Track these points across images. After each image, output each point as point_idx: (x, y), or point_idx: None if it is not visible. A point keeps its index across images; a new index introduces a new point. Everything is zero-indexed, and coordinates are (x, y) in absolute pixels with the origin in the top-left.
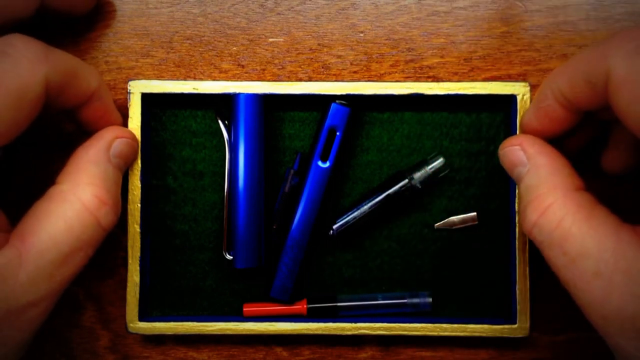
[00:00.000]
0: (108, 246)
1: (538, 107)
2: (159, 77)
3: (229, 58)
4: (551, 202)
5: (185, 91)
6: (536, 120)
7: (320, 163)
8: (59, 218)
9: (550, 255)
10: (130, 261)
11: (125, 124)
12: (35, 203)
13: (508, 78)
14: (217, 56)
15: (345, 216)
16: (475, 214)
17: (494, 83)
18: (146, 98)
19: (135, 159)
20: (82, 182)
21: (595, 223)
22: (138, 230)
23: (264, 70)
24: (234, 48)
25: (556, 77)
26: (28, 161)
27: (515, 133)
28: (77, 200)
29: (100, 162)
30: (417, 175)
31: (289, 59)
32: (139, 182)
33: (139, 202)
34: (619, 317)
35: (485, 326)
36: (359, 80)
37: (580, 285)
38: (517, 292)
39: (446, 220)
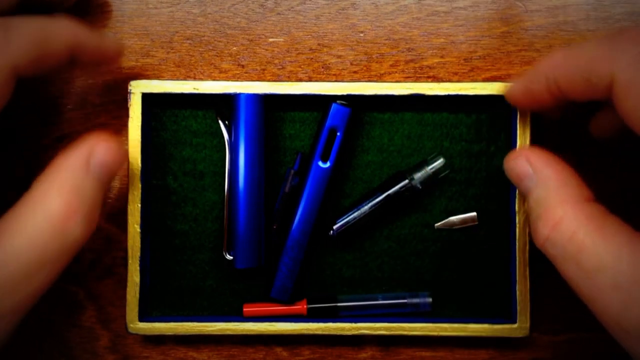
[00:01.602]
0: (108, 246)
1: (527, 87)
2: (159, 77)
3: (229, 58)
4: (562, 215)
5: (186, 91)
6: (522, 96)
7: (320, 163)
8: (22, 229)
9: (565, 269)
10: (130, 261)
11: (125, 123)
12: (8, 210)
13: (508, 78)
14: (217, 56)
15: (345, 216)
16: (475, 214)
17: (494, 83)
18: (147, 98)
19: (120, 167)
20: (52, 190)
21: (609, 234)
22: (138, 230)
23: (264, 70)
24: (234, 48)
25: (554, 67)
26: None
27: (516, 134)
28: (44, 210)
29: (76, 170)
30: (418, 175)
31: (289, 59)
32: (139, 182)
33: (139, 202)
34: None
35: (486, 326)
36: (359, 80)
37: (598, 298)
38: (517, 292)
39: (446, 220)
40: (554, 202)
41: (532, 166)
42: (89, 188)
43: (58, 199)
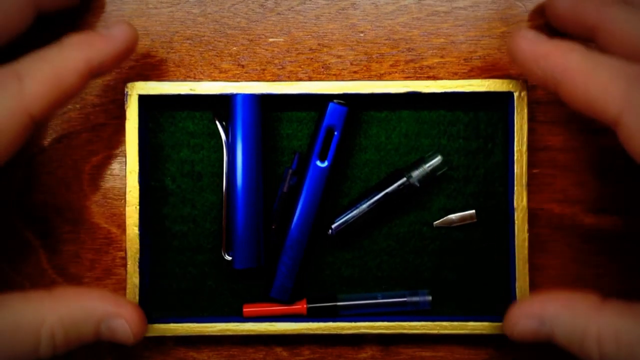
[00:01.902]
0: (108, 247)
1: (529, 62)
2: (159, 77)
3: (229, 58)
4: (597, 329)
5: (183, 92)
6: (524, 63)
7: (318, 163)
8: (14, 318)
9: None
10: (129, 263)
11: (122, 125)
12: (18, 291)
13: (508, 78)
14: (217, 56)
15: (343, 215)
16: (474, 211)
17: (491, 80)
18: (143, 100)
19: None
20: (58, 309)
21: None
22: (137, 232)
23: (264, 70)
24: (234, 48)
25: (563, 74)
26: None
27: (513, 131)
28: (41, 319)
29: (89, 315)
30: (415, 173)
31: (289, 59)
32: (137, 183)
33: (138, 204)
34: None
35: (486, 324)
36: (359, 80)
37: None
38: (517, 289)
39: (445, 218)
40: (581, 325)
41: (536, 317)
42: (84, 334)
43: (54, 318)
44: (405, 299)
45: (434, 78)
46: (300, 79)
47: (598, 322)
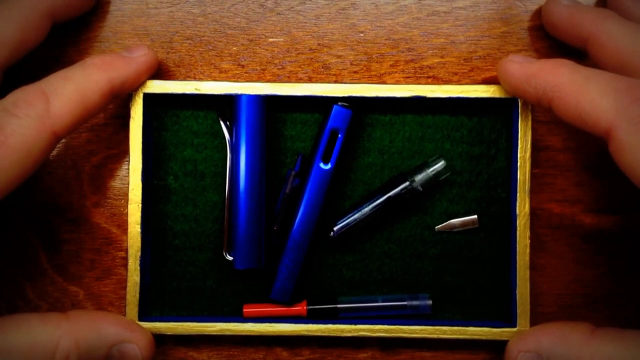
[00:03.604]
0: (108, 246)
1: (520, 85)
2: (159, 77)
3: (229, 58)
4: (590, 356)
5: (187, 92)
6: (512, 85)
7: (321, 165)
8: (30, 339)
9: None
10: (130, 261)
11: (125, 123)
12: (35, 313)
13: None
14: (217, 56)
15: (345, 218)
16: (475, 217)
17: (495, 86)
18: (148, 98)
19: None
20: (74, 333)
21: (632, 344)
22: (138, 230)
23: (264, 70)
24: (234, 48)
25: (555, 89)
26: None
27: (517, 137)
28: (56, 341)
29: (104, 340)
30: (418, 177)
31: (289, 59)
32: (140, 181)
33: (140, 202)
34: None
35: (486, 329)
36: (359, 80)
37: None
38: (518, 295)
39: (447, 223)
40: (575, 354)
41: (530, 352)
42: (97, 356)
43: (70, 341)
44: (405, 303)
45: (434, 78)
46: (300, 79)
47: (590, 349)
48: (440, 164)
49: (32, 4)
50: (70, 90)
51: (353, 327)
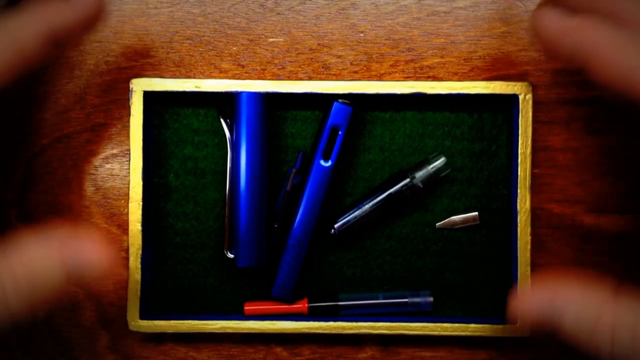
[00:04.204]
0: (108, 246)
1: (555, 39)
2: (159, 76)
3: (229, 58)
4: (611, 319)
5: (188, 89)
6: (547, 40)
7: (322, 162)
8: None
9: None
10: (131, 259)
11: (127, 121)
12: None
13: (508, 78)
14: (217, 56)
15: (346, 215)
16: (476, 213)
17: (496, 82)
18: (148, 96)
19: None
20: (16, 259)
21: None
22: (139, 228)
23: (264, 70)
24: (234, 48)
25: (595, 49)
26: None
27: (518, 133)
28: None
29: (49, 257)
30: (419, 174)
31: (289, 59)
32: (141, 179)
33: (141, 200)
34: None
35: (487, 326)
36: (359, 80)
37: None
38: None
39: (448, 219)
40: (594, 313)
41: (543, 305)
42: (52, 278)
43: (12, 268)
44: (406, 300)
45: (434, 78)
46: (300, 79)
47: (613, 311)
48: (440, 161)
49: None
50: (4, 41)
51: (354, 324)
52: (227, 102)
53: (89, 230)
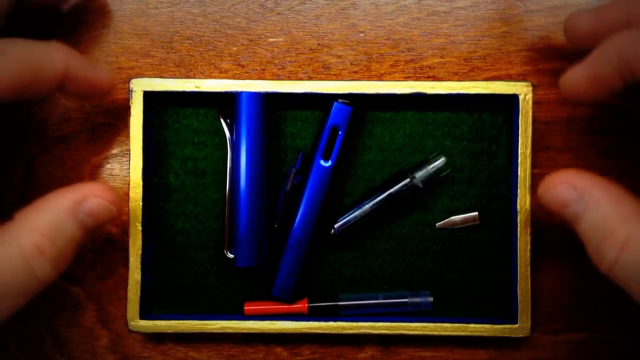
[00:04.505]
0: (108, 246)
1: (595, 71)
2: (159, 76)
3: (229, 58)
4: (628, 234)
5: (188, 89)
6: (587, 83)
7: (322, 162)
8: None
9: None
10: (131, 259)
11: (127, 121)
12: None
13: (508, 78)
14: (217, 56)
15: (346, 215)
16: (476, 213)
17: (496, 83)
18: (148, 96)
19: (111, 220)
20: (29, 226)
21: None
22: (139, 228)
23: (264, 70)
24: (234, 48)
25: (626, 47)
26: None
27: (517, 133)
28: (16, 244)
29: (60, 212)
30: (419, 174)
31: (289, 59)
32: (141, 180)
33: (141, 200)
34: None
35: (487, 326)
36: (359, 80)
37: None
38: (519, 292)
39: (448, 219)
40: (615, 222)
41: (576, 190)
42: (68, 231)
43: (31, 235)
44: (406, 300)
45: (434, 78)
46: (300, 79)
47: (634, 228)
48: (440, 161)
49: None
50: (23, 53)
51: (354, 324)
52: (227, 102)
53: (91, 182)
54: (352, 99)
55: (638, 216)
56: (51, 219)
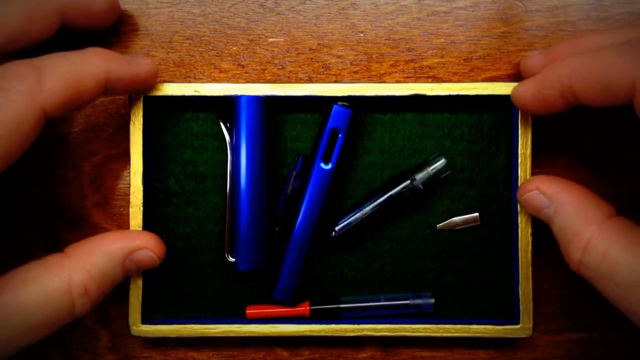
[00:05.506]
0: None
1: (540, 92)
2: (159, 78)
3: (229, 58)
4: (589, 237)
5: (187, 94)
6: (532, 101)
7: (322, 165)
8: (41, 289)
9: (603, 289)
10: None
11: (126, 123)
12: (33, 261)
13: (508, 78)
14: (217, 56)
15: (347, 217)
16: (477, 214)
17: (495, 83)
18: (148, 100)
19: (150, 268)
20: (81, 265)
21: (639, 247)
22: None
23: (264, 70)
24: (234, 48)
25: (570, 74)
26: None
27: (517, 134)
28: (67, 280)
29: (112, 259)
30: (419, 176)
31: (289, 59)
32: (141, 184)
33: (141, 204)
34: None
35: (488, 327)
36: (359, 80)
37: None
38: (520, 292)
39: (448, 221)
40: (578, 225)
41: (545, 195)
42: (113, 278)
43: (81, 274)
44: (408, 302)
45: (434, 78)
46: (300, 79)
47: (595, 231)
48: (440, 162)
49: None
50: (64, 69)
51: (356, 326)
52: (226, 106)
53: (144, 233)
54: (352, 101)
55: (600, 220)
56: (102, 263)
